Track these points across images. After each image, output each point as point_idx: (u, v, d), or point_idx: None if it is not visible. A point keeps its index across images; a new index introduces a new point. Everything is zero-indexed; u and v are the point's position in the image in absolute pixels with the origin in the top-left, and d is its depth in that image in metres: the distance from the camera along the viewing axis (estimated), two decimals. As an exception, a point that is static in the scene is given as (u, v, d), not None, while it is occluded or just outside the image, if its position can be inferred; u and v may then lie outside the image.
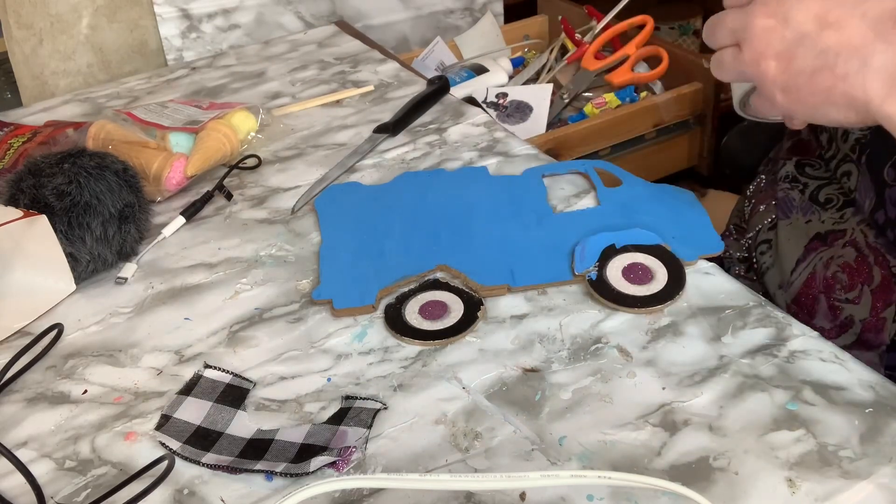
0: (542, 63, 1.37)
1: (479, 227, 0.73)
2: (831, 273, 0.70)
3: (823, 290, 0.71)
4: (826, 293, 0.71)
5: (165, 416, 0.58)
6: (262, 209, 0.80)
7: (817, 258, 0.72)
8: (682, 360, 0.59)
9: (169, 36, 1.16)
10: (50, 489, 0.53)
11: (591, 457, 0.52)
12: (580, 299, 0.65)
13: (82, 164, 0.71)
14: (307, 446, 0.55)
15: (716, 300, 0.64)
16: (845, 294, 0.70)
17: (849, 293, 0.69)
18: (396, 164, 0.85)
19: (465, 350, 0.61)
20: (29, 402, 0.60)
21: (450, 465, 0.53)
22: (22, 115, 0.99)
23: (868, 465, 0.50)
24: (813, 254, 0.73)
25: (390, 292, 0.67)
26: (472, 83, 1.31)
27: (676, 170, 1.37)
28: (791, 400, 0.55)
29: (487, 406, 0.57)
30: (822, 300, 0.71)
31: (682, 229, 0.70)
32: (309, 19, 1.23)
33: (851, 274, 0.69)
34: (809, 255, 0.73)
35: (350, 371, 0.61)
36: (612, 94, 1.32)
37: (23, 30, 1.12)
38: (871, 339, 0.68)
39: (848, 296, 0.69)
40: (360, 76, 1.04)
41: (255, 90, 1.02)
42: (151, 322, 0.67)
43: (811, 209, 0.76)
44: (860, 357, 0.57)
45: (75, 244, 0.69)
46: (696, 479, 0.50)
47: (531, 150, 0.85)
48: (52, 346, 0.65)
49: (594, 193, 0.77)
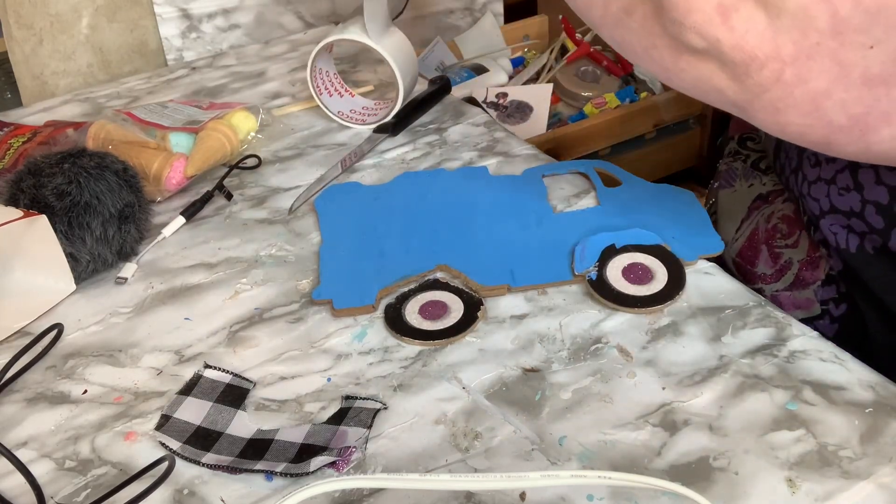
0: (542, 63, 1.37)
1: (479, 227, 0.73)
2: (772, 225, 0.74)
3: (765, 241, 0.74)
4: (767, 242, 0.74)
5: (165, 416, 0.58)
6: (262, 209, 0.80)
7: (759, 215, 0.76)
8: (682, 360, 0.59)
9: (169, 36, 1.16)
10: (50, 489, 0.53)
11: (591, 457, 0.52)
12: (580, 299, 0.65)
13: (82, 164, 0.71)
14: (307, 446, 0.55)
15: (716, 300, 0.64)
16: (785, 241, 0.73)
17: (788, 239, 0.73)
18: (396, 164, 0.85)
19: (465, 350, 0.61)
20: (29, 402, 0.60)
21: (450, 465, 0.53)
22: (22, 115, 0.99)
23: (868, 465, 0.50)
24: (755, 212, 0.77)
25: (390, 292, 0.67)
26: (472, 83, 1.31)
27: (676, 170, 1.37)
28: (791, 400, 0.55)
29: (487, 406, 0.57)
30: (763, 249, 0.74)
31: (682, 229, 0.70)
32: (309, 19, 1.23)
33: (790, 224, 0.73)
34: (752, 214, 0.77)
35: (350, 371, 0.61)
36: (612, 95, 1.32)
37: (23, 30, 1.12)
38: (806, 277, 0.71)
39: (787, 241, 0.73)
40: (360, 76, 1.04)
41: (255, 90, 1.02)
42: (151, 322, 0.67)
43: (753, 174, 0.80)
44: (798, 297, 0.58)
45: (75, 244, 0.69)
46: (696, 479, 0.50)
47: (531, 150, 0.85)
48: (52, 346, 0.65)
49: (594, 193, 0.77)
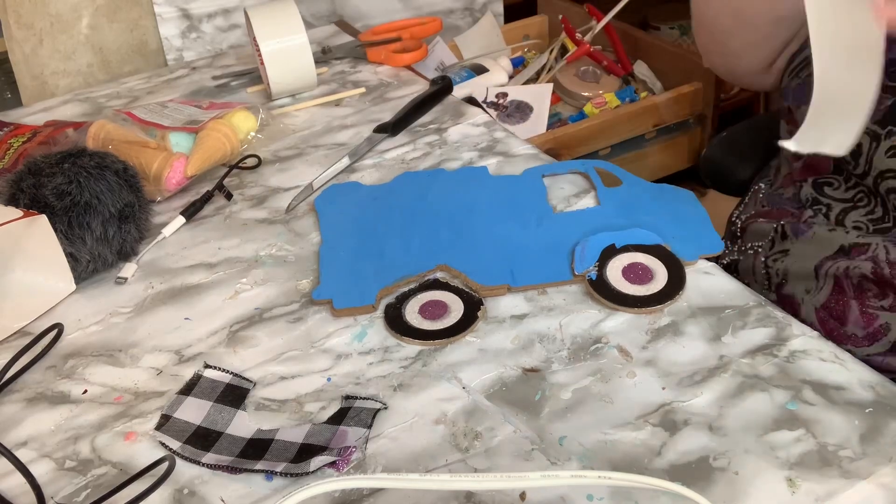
0: (542, 63, 1.37)
1: (479, 227, 0.73)
2: (856, 281, 0.67)
3: (855, 297, 0.68)
4: (858, 299, 0.68)
5: (165, 416, 0.58)
6: (262, 209, 0.80)
7: (834, 267, 0.69)
8: (682, 359, 0.59)
9: (169, 36, 1.16)
10: (50, 489, 0.53)
11: (591, 457, 0.52)
12: (580, 299, 0.65)
13: (82, 163, 0.71)
14: (307, 446, 0.55)
15: (716, 300, 0.64)
16: (879, 301, 0.66)
17: (882, 301, 0.66)
18: (396, 164, 0.85)
19: (465, 350, 0.61)
20: (29, 402, 0.60)
21: (450, 465, 0.53)
22: (22, 115, 0.99)
23: (868, 465, 0.50)
24: (830, 262, 0.69)
25: (390, 292, 0.67)
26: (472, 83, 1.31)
27: (676, 170, 1.37)
28: (791, 400, 0.55)
29: (487, 406, 0.57)
30: (853, 306, 0.68)
31: (682, 229, 0.70)
32: (309, 19, 1.23)
33: (879, 283, 0.66)
34: (826, 265, 0.69)
35: (350, 371, 0.61)
36: (612, 94, 1.32)
37: (23, 30, 1.12)
38: None
39: (882, 303, 0.66)
40: (360, 76, 1.04)
41: (255, 90, 1.02)
42: (151, 322, 0.67)
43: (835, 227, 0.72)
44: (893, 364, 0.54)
45: (75, 244, 0.69)
46: (696, 479, 0.50)
47: (531, 150, 0.85)
48: (52, 346, 0.65)
49: (594, 193, 0.77)
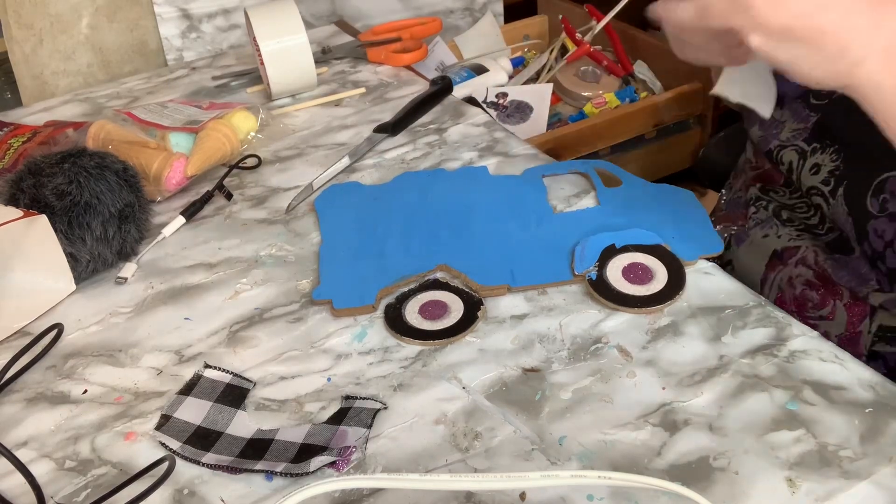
0: (542, 63, 1.37)
1: (479, 227, 0.73)
2: (799, 291, 0.70)
3: (796, 309, 0.71)
4: (799, 311, 0.71)
5: (165, 416, 0.58)
6: (262, 209, 0.80)
7: (778, 277, 0.72)
8: (682, 359, 0.59)
9: (169, 36, 1.16)
10: (50, 489, 0.53)
11: (591, 457, 0.52)
12: (580, 299, 0.65)
13: (82, 164, 0.71)
14: (307, 446, 0.55)
15: (716, 300, 0.64)
16: (818, 311, 0.70)
17: (821, 310, 0.69)
18: (396, 164, 0.85)
19: (464, 350, 0.61)
20: (29, 402, 0.60)
21: (450, 465, 0.53)
22: (22, 115, 0.99)
23: (868, 465, 0.50)
24: (773, 273, 0.73)
25: (390, 292, 0.67)
26: (472, 83, 1.31)
27: (676, 170, 1.37)
28: (791, 400, 0.55)
29: (487, 406, 0.57)
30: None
31: (682, 229, 0.70)
32: (309, 19, 1.23)
33: (819, 291, 0.70)
34: (770, 275, 0.73)
35: (350, 371, 0.61)
36: (612, 94, 1.32)
37: (23, 30, 1.12)
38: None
39: (821, 312, 0.69)
40: (360, 76, 1.04)
41: (255, 90, 1.02)
42: (151, 322, 0.67)
43: (770, 222, 0.76)
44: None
45: (75, 244, 0.69)
46: (696, 479, 0.50)
47: (531, 150, 0.85)
48: (52, 346, 0.65)
49: (594, 193, 0.77)
